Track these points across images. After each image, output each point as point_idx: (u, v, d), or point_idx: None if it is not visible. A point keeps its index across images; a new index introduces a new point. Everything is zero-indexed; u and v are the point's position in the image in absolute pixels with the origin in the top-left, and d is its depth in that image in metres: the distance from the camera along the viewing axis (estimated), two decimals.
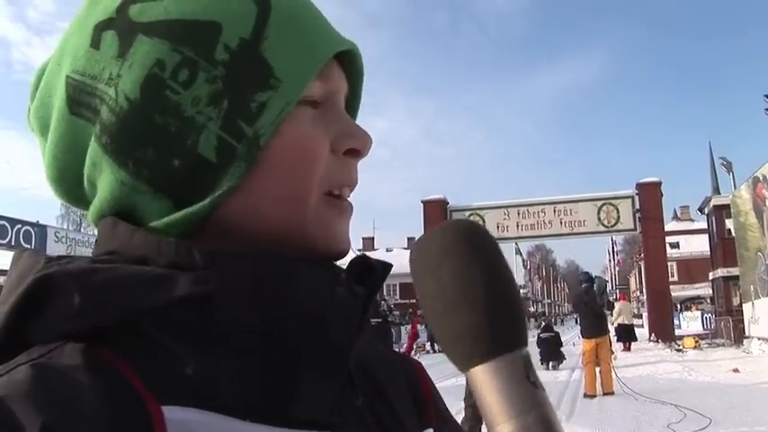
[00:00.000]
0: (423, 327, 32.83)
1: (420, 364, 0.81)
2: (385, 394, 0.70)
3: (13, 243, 24.61)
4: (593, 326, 12.75)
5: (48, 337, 0.51)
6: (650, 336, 29.07)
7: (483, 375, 0.47)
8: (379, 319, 15.06)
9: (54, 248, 27.01)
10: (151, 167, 0.57)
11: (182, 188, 0.57)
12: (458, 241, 0.50)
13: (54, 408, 0.45)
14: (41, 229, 26.43)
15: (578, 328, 14.98)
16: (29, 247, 25.31)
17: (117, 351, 0.51)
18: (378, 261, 0.65)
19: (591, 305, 12.66)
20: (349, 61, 0.66)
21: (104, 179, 0.59)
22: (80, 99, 0.59)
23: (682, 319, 37.55)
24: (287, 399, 0.55)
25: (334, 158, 0.62)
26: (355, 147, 0.63)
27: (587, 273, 13.50)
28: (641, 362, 19.17)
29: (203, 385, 0.52)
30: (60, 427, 0.44)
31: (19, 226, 24.98)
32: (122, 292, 0.51)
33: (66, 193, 0.65)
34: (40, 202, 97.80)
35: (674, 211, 75.33)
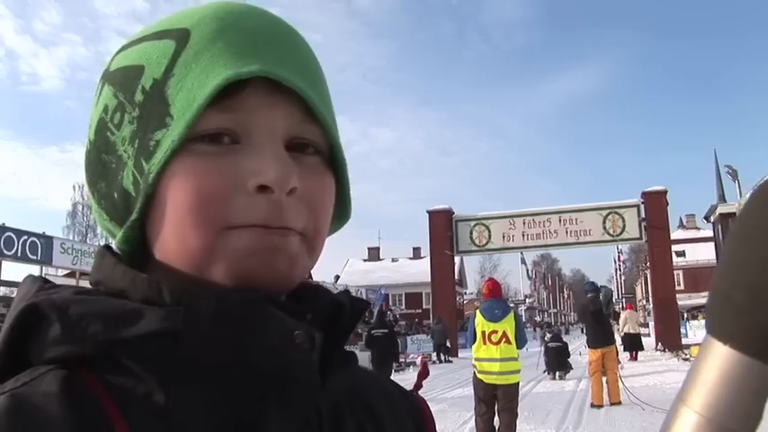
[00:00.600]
0: (429, 336, 32.83)
1: (426, 404, 0.82)
2: (381, 424, 0.71)
3: (19, 254, 24.70)
4: (600, 336, 12.69)
5: (40, 360, 0.56)
6: (657, 345, 28.96)
7: (729, 361, 0.43)
8: (385, 330, 14.99)
9: (60, 260, 27.08)
10: (105, 198, 0.64)
11: (121, 217, 0.63)
12: None
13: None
14: (47, 240, 26.50)
15: (584, 337, 14.91)
16: (35, 258, 25.40)
17: (98, 376, 0.55)
18: (351, 299, 0.67)
19: (597, 315, 12.61)
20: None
21: (92, 205, 0.68)
22: (88, 137, 0.67)
23: (688, 327, 37.38)
24: (251, 429, 0.56)
25: (246, 196, 0.58)
26: (261, 183, 0.58)
27: (593, 283, 13.46)
28: (648, 371, 19.10)
29: (171, 416, 0.55)
30: None
31: (25, 237, 25.06)
32: (97, 323, 0.55)
33: None
34: (45, 212, 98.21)
35: (680, 219, 75.28)
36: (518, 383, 8.27)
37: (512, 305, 9.00)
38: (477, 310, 8.44)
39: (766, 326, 0.42)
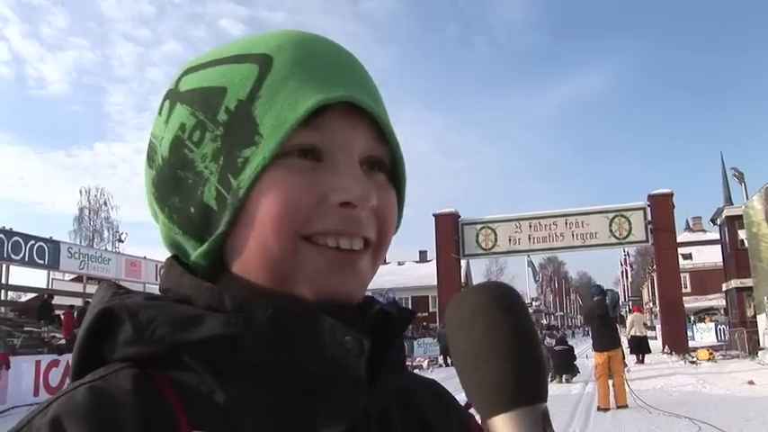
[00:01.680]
0: (435, 340, 32.79)
1: (475, 419, 0.84)
2: (429, 425, 0.76)
3: (26, 259, 24.80)
4: (605, 339, 12.66)
5: (115, 358, 0.62)
6: (664, 348, 28.92)
7: (502, 425, 0.51)
8: None
9: (67, 264, 27.16)
10: (178, 213, 0.68)
11: (199, 230, 0.67)
12: (490, 301, 0.55)
13: (98, 422, 0.55)
14: (54, 244, 26.59)
15: (590, 340, 14.87)
16: (42, 262, 25.47)
17: (165, 375, 0.61)
18: (398, 308, 0.71)
19: (603, 318, 12.58)
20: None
21: (159, 220, 0.72)
22: (150, 155, 0.71)
23: (695, 330, 37.22)
24: (302, 430, 0.61)
25: (326, 209, 0.64)
26: (345, 200, 0.64)
27: (599, 286, 13.43)
28: (655, 374, 19.05)
29: (229, 413, 0.60)
30: None
31: (33, 242, 25.15)
32: (164, 327, 0.60)
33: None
34: (52, 217, 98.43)
35: (687, 222, 75.06)
36: None
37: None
38: None
39: (505, 378, 0.52)
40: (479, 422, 0.83)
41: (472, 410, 0.66)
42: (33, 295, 29.43)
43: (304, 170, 0.64)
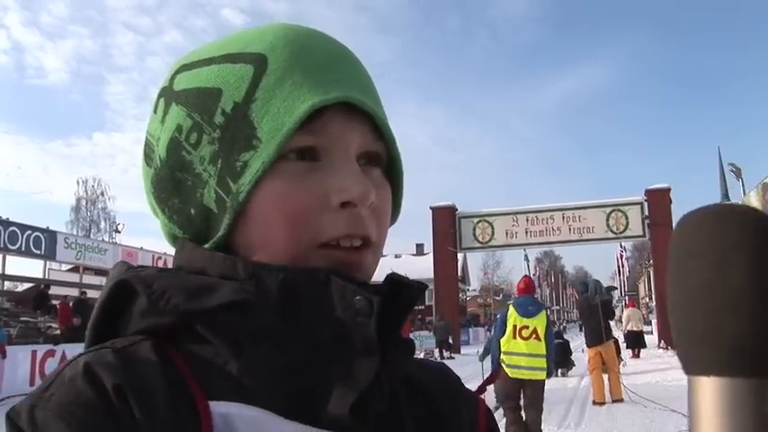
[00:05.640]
0: (431, 333, 32.83)
1: (482, 400, 0.84)
2: (437, 410, 0.75)
3: (23, 249, 24.79)
4: (596, 334, 12.69)
5: (130, 332, 0.64)
6: (659, 342, 28.93)
7: (720, 391, 0.42)
8: None
9: (64, 254, 27.14)
10: (178, 213, 0.69)
11: (199, 231, 0.68)
12: (759, 235, 0.43)
13: (128, 375, 0.57)
14: (51, 234, 26.57)
15: (581, 336, 14.89)
16: (38, 252, 25.45)
17: (180, 348, 0.62)
18: (410, 279, 0.70)
19: (593, 313, 12.59)
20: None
21: (158, 217, 0.72)
22: (147, 153, 0.72)
23: None
24: (314, 397, 0.61)
25: (330, 211, 0.64)
26: (345, 200, 0.64)
27: (585, 283, 13.53)
28: (650, 369, 19.09)
29: (243, 382, 0.60)
30: (129, 390, 0.56)
31: (29, 232, 25.14)
32: (178, 296, 0.61)
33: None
34: (49, 206, 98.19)
35: None
36: (544, 381, 8.33)
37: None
38: (510, 304, 8.61)
39: (750, 339, 0.41)
40: (489, 408, 0.83)
41: (483, 397, 0.63)
42: (30, 285, 29.38)
43: (303, 173, 0.64)
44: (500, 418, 8.84)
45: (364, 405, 0.61)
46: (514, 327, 8.21)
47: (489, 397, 8.27)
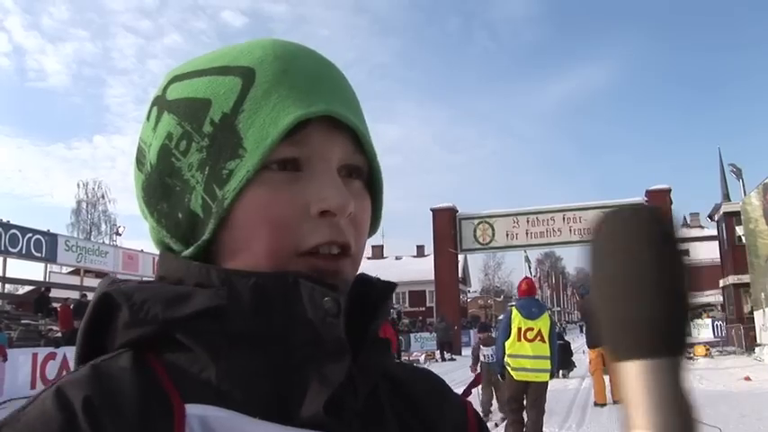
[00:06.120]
0: (432, 334, 32.82)
1: (470, 404, 0.85)
2: (423, 415, 0.76)
3: (24, 252, 24.79)
4: (597, 335, 12.67)
5: (115, 346, 0.66)
6: None
7: (640, 372, 0.47)
8: None
9: (64, 257, 27.16)
10: (167, 218, 0.71)
11: (186, 235, 0.70)
12: (654, 228, 0.49)
13: (97, 388, 0.59)
14: (52, 237, 26.57)
15: (582, 337, 14.87)
16: (39, 255, 25.46)
17: (160, 357, 0.64)
18: (379, 279, 0.73)
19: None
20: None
21: (147, 220, 0.75)
22: (139, 158, 0.74)
23: (692, 326, 37.24)
24: (289, 398, 0.63)
25: (310, 220, 0.66)
26: (324, 209, 0.66)
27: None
28: None
29: (220, 385, 0.62)
30: (98, 400, 0.58)
31: (30, 235, 25.14)
32: (157, 306, 0.64)
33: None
34: (50, 209, 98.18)
35: (684, 218, 75.15)
36: (548, 382, 8.36)
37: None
38: (514, 307, 8.59)
39: (659, 323, 0.47)
40: (478, 413, 0.84)
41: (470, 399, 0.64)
42: (30, 288, 29.42)
43: (284, 182, 0.67)
44: (500, 420, 8.83)
45: (339, 404, 0.64)
46: (519, 329, 8.21)
47: (476, 401, 8.25)
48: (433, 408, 0.78)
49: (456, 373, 19.35)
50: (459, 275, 39.08)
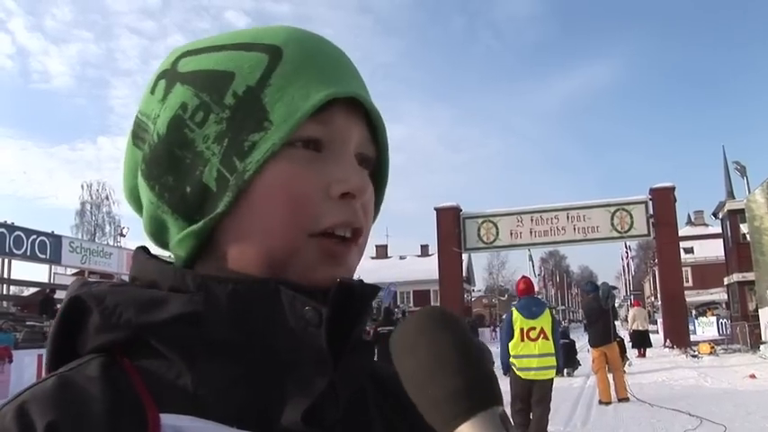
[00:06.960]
0: None
1: None
2: (411, 417, 0.74)
3: (28, 253, 24.82)
4: (600, 335, 12.71)
5: (86, 350, 0.64)
6: (665, 342, 28.91)
7: (471, 430, 0.52)
8: (392, 327, 14.93)
9: (69, 258, 27.19)
10: (171, 191, 0.68)
11: (192, 210, 0.68)
12: (426, 322, 0.57)
13: (63, 409, 0.56)
14: (56, 239, 26.62)
15: (585, 336, 14.91)
16: (44, 257, 25.50)
17: (134, 362, 0.62)
18: (361, 283, 0.70)
19: (599, 313, 12.58)
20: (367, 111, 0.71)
21: (143, 198, 0.71)
22: (138, 133, 0.72)
23: (697, 324, 37.18)
24: (268, 407, 0.62)
25: (329, 200, 0.66)
26: (345, 191, 0.66)
27: (592, 282, 13.52)
28: (656, 368, 19.08)
29: (197, 395, 0.61)
30: (64, 424, 0.55)
31: (34, 236, 25.18)
32: (129, 310, 0.62)
33: (135, 208, 0.76)
34: (55, 211, 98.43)
35: (688, 215, 74.98)
36: (553, 378, 8.38)
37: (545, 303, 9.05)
38: (514, 308, 8.58)
39: (459, 388, 0.53)
40: None
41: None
42: (35, 290, 29.45)
43: (307, 161, 0.66)
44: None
45: (320, 413, 0.63)
46: (521, 330, 8.22)
47: None
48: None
49: None
50: (464, 275, 39.04)
